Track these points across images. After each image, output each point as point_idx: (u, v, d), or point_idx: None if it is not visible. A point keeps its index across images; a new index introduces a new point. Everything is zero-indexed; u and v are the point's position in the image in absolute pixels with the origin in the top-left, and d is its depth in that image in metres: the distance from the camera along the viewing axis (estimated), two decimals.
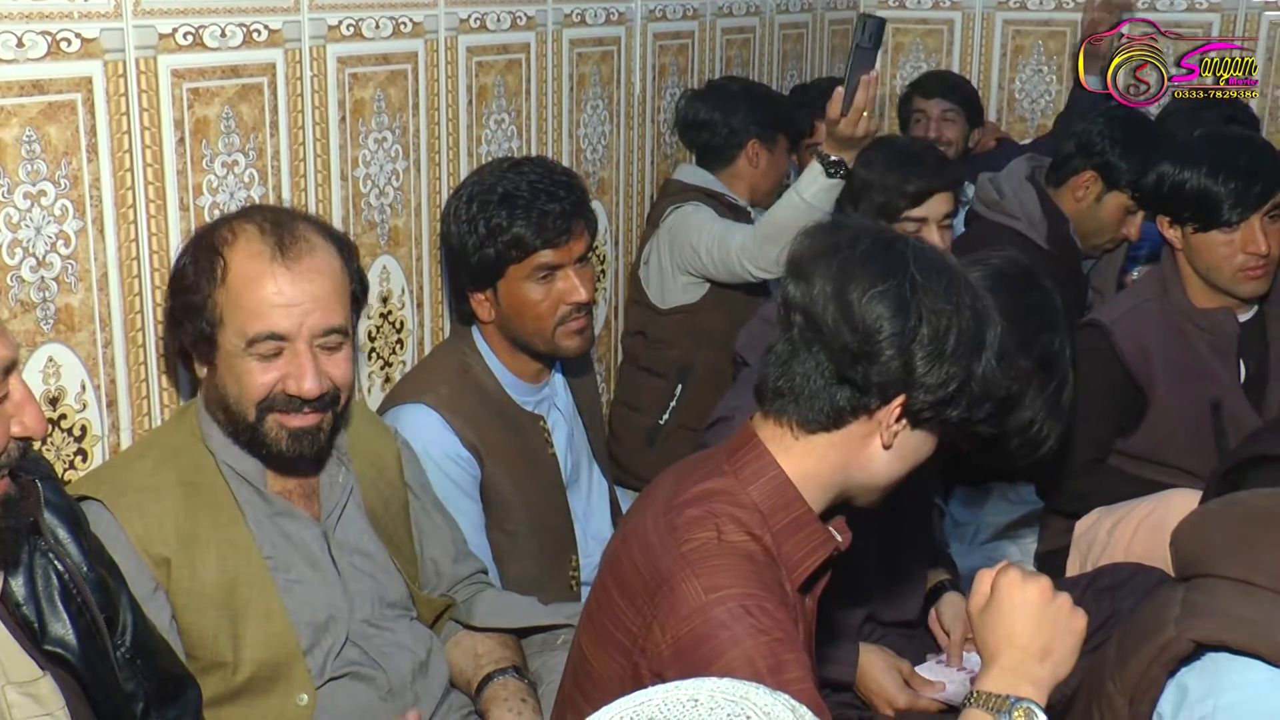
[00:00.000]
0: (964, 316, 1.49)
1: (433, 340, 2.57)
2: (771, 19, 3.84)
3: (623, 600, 1.53)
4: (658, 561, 1.49)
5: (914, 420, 1.54)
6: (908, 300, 1.47)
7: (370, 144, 2.35)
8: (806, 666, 1.45)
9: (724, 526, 1.49)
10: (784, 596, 1.50)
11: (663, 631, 1.45)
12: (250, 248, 1.76)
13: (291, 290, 1.76)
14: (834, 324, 1.48)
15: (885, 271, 1.49)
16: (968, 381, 1.50)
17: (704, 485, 1.55)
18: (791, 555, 1.54)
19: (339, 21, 2.23)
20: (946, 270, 1.53)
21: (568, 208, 2.26)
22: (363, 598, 1.88)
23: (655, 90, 3.29)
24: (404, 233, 2.47)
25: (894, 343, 1.47)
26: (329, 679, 1.81)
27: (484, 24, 2.59)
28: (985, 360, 1.51)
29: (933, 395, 1.50)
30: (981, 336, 1.51)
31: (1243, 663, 1.51)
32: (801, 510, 1.55)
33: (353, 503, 1.92)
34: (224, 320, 1.75)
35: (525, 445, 2.36)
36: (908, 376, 1.48)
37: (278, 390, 1.77)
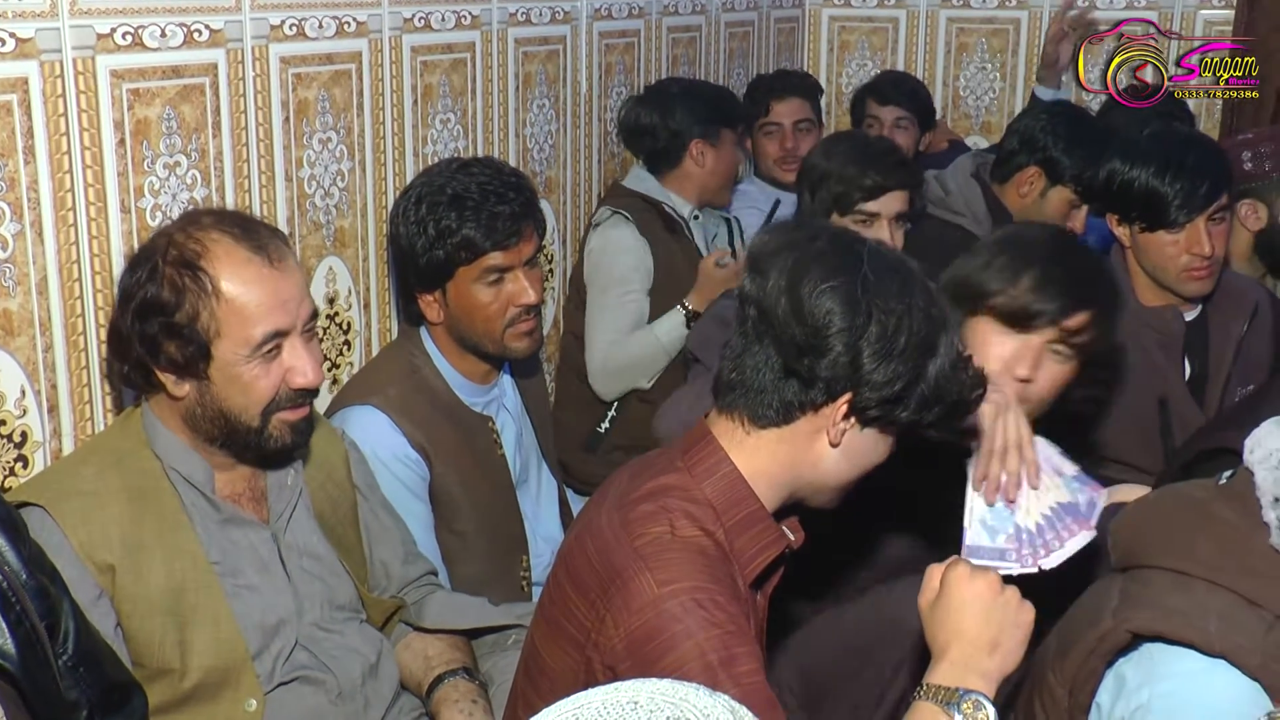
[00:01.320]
0: (915, 318, 1.51)
1: (380, 342, 2.56)
2: (717, 17, 3.85)
3: (576, 594, 1.53)
4: (611, 556, 1.50)
5: (862, 419, 1.54)
6: (858, 297, 1.48)
7: (315, 144, 2.33)
8: (758, 659, 1.46)
9: (677, 522, 1.50)
10: (736, 590, 1.50)
11: (615, 625, 1.46)
12: (234, 256, 1.74)
13: (284, 288, 1.77)
14: (784, 317, 1.50)
15: (838, 268, 1.50)
16: (916, 382, 1.52)
17: (658, 480, 1.56)
18: (744, 551, 1.55)
19: (281, 21, 2.21)
20: (901, 271, 1.54)
21: (517, 209, 2.26)
22: (312, 601, 1.87)
23: (602, 89, 3.29)
24: (350, 234, 2.45)
25: (841, 338, 1.48)
26: (278, 684, 1.80)
27: (428, 23, 2.58)
28: (938, 363, 1.52)
29: (879, 393, 1.51)
30: (933, 339, 1.52)
31: (1177, 652, 1.54)
32: (754, 507, 1.56)
33: (301, 505, 1.91)
34: (221, 333, 1.73)
35: (474, 446, 2.35)
36: (854, 373, 1.49)
37: (283, 389, 1.78)
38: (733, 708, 0.96)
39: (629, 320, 3.06)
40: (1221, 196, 2.54)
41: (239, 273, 1.73)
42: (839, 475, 1.59)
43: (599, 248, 3.11)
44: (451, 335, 2.34)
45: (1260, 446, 1.61)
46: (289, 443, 1.83)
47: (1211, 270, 2.57)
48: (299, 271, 1.83)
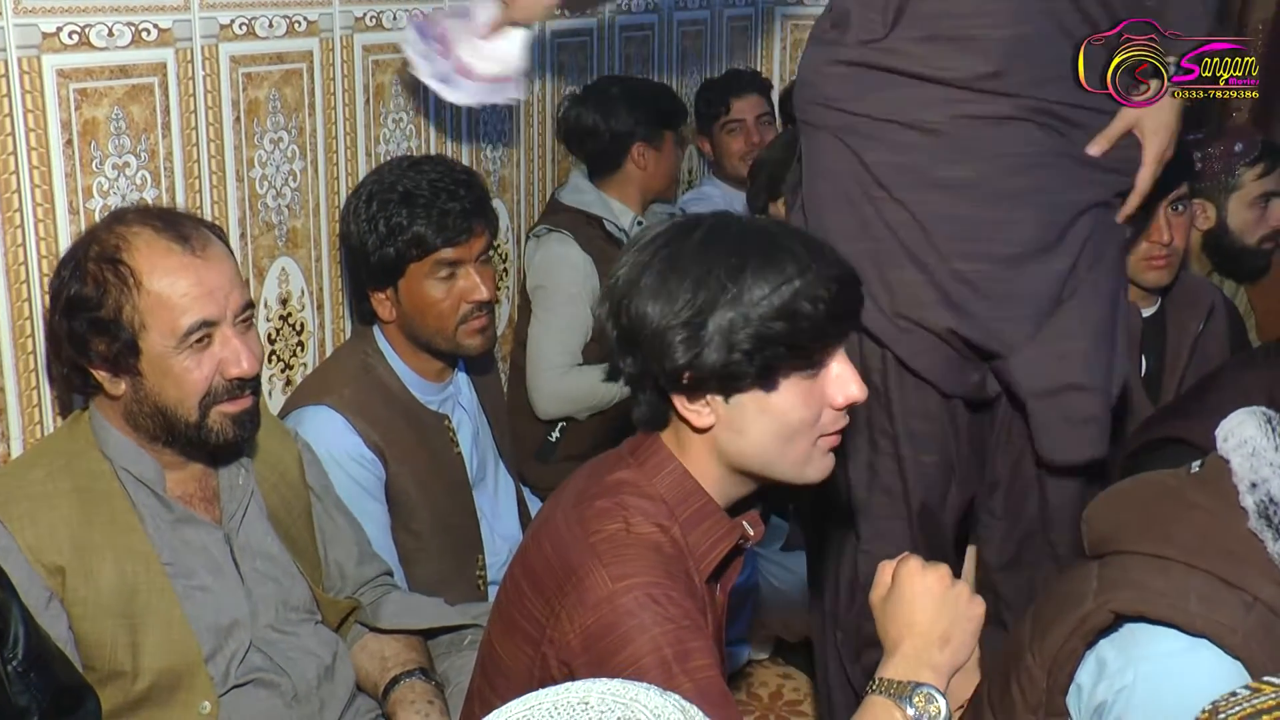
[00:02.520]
0: (699, 282, 1.47)
1: (334, 342, 2.55)
2: (670, 17, 3.85)
3: (531, 592, 1.53)
4: (567, 553, 1.50)
5: (709, 394, 1.51)
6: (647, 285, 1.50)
7: (266, 144, 2.32)
8: (713, 654, 1.46)
9: (632, 518, 1.51)
10: (691, 586, 1.50)
11: (570, 621, 1.46)
12: (155, 247, 1.74)
13: (209, 277, 1.75)
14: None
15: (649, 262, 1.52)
16: (721, 344, 1.45)
17: (613, 477, 1.56)
18: (698, 546, 1.55)
19: (231, 20, 2.20)
20: (714, 237, 1.50)
21: (468, 206, 2.26)
22: (266, 602, 1.86)
23: (555, 88, 3.28)
24: (303, 234, 2.44)
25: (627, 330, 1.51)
26: (232, 686, 1.79)
27: (380, 22, 2.57)
28: (734, 309, 1.46)
29: (690, 369, 1.47)
30: (718, 292, 1.46)
31: (1159, 632, 1.57)
32: (703, 501, 1.56)
33: (254, 506, 1.90)
34: (146, 325, 1.72)
35: (430, 445, 2.35)
36: (658, 361, 1.49)
37: (217, 380, 1.76)
38: (683, 707, 0.96)
39: (577, 340, 3.05)
40: (1180, 185, 2.57)
41: (160, 263, 1.73)
42: (766, 449, 1.54)
43: (542, 264, 3.07)
44: (405, 333, 2.34)
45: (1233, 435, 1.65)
46: (231, 436, 1.81)
47: (1170, 261, 2.60)
48: (228, 261, 1.81)
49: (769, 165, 3.08)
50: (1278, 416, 1.68)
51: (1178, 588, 1.57)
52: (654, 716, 0.93)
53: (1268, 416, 1.66)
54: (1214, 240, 3.03)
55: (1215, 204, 2.98)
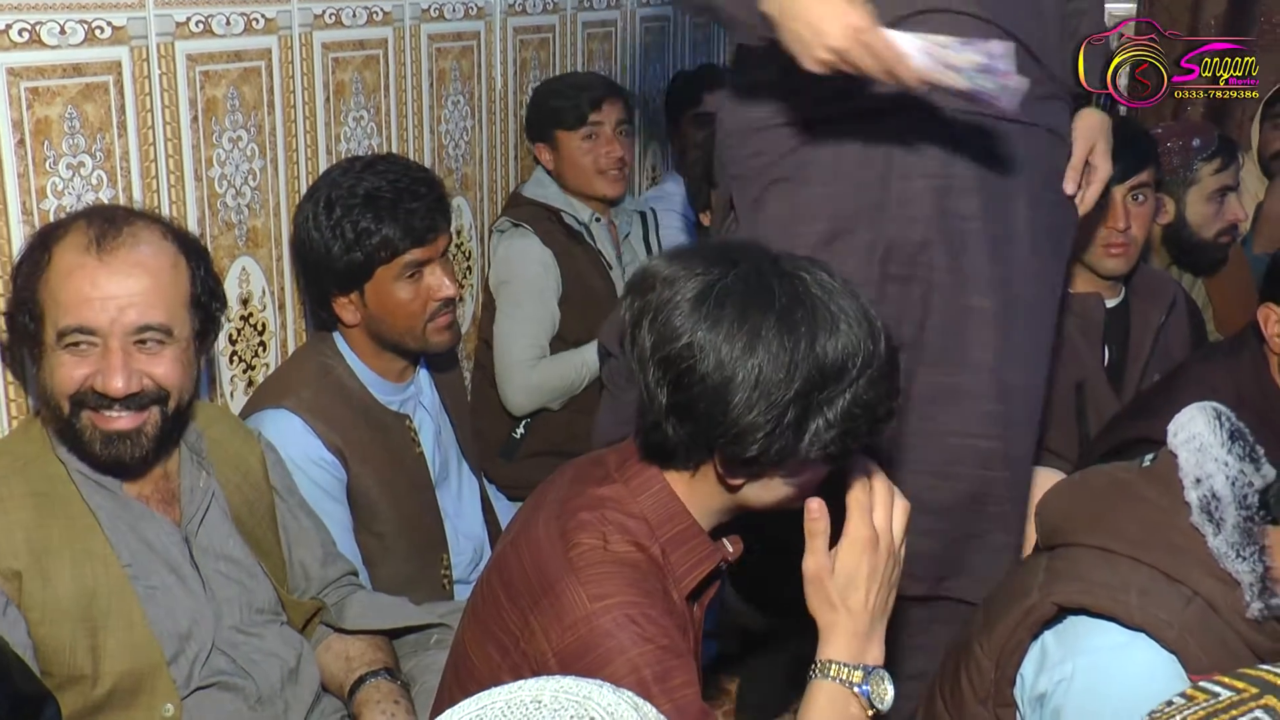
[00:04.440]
0: (770, 365, 1.41)
1: (296, 341, 2.53)
2: (632, 12, 3.85)
3: (507, 600, 1.52)
4: (545, 565, 1.49)
5: (741, 471, 1.50)
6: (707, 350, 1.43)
7: (225, 143, 2.30)
8: (692, 672, 1.45)
9: (611, 536, 1.49)
10: (669, 605, 1.49)
11: (547, 640, 1.44)
12: (72, 241, 1.72)
13: (107, 284, 1.70)
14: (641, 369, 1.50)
15: (705, 316, 1.45)
16: (792, 431, 1.43)
17: (597, 491, 1.54)
18: (679, 566, 1.54)
19: (187, 18, 2.18)
20: (796, 312, 1.43)
21: (430, 205, 2.27)
22: (230, 604, 1.85)
23: (517, 85, 3.28)
24: (263, 233, 2.42)
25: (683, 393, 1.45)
26: (195, 689, 1.77)
27: (339, 20, 2.56)
28: (814, 412, 1.42)
29: (744, 450, 1.44)
30: (800, 387, 1.41)
31: (1100, 626, 1.59)
32: (687, 523, 1.54)
33: (216, 508, 1.88)
34: (44, 313, 1.71)
35: (391, 445, 2.34)
36: (709, 430, 1.45)
37: (86, 386, 1.71)
38: (636, 704, 0.96)
39: (545, 334, 3.05)
40: (1141, 173, 2.59)
41: (67, 259, 1.72)
42: (773, 502, 1.55)
43: (504, 258, 3.08)
44: (369, 335, 2.32)
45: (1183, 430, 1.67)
46: (98, 452, 1.73)
47: (1128, 249, 2.62)
48: (146, 276, 1.73)
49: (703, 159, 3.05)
50: (1227, 412, 1.70)
51: (1120, 581, 1.59)
52: (607, 714, 0.92)
53: (1218, 412, 1.68)
54: (1173, 234, 3.06)
55: (1174, 198, 3.01)
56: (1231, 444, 1.73)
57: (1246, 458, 1.74)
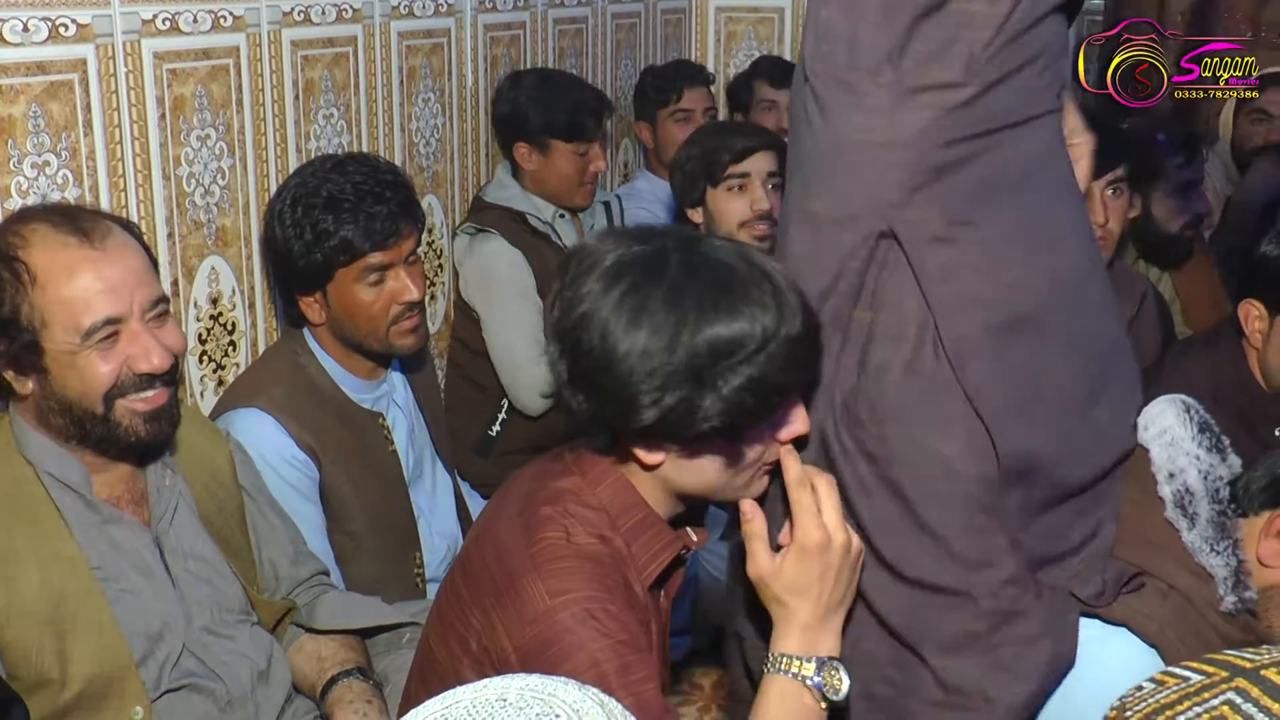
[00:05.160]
0: (667, 345, 1.41)
1: (266, 341, 2.52)
2: (603, 9, 3.85)
3: (470, 598, 1.52)
4: (507, 560, 1.49)
5: (671, 444, 1.49)
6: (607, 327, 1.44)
7: (193, 142, 2.29)
8: (652, 668, 1.45)
9: (572, 528, 1.49)
10: (631, 598, 1.49)
11: (508, 635, 1.45)
12: (51, 243, 1.70)
13: (111, 272, 1.71)
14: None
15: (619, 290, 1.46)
16: (688, 406, 1.42)
17: (557, 484, 1.55)
18: (640, 555, 1.54)
19: (154, 15, 2.16)
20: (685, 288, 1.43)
21: (395, 209, 2.24)
22: (200, 605, 1.84)
23: (488, 82, 3.27)
24: (232, 232, 2.41)
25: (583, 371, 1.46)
26: (165, 691, 1.76)
27: (308, 17, 2.55)
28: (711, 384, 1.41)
29: (648, 425, 1.44)
30: (695, 365, 1.41)
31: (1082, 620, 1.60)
32: (645, 512, 1.55)
33: (185, 508, 1.87)
34: (47, 322, 1.68)
35: (364, 444, 2.33)
36: (611, 410, 1.46)
37: (125, 374, 1.72)
38: (602, 701, 0.96)
39: (540, 329, 3.04)
40: (1117, 168, 2.61)
41: (58, 259, 1.69)
42: (712, 484, 1.53)
43: (477, 267, 3.06)
44: (335, 335, 2.32)
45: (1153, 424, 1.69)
46: (143, 434, 1.76)
47: (1106, 243, 2.63)
48: (134, 254, 1.76)
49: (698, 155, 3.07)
50: (1195, 405, 1.72)
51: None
52: (572, 710, 0.92)
53: (1186, 405, 1.70)
54: (1139, 228, 3.08)
55: (1140, 193, 3.04)
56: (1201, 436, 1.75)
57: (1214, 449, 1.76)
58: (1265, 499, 1.72)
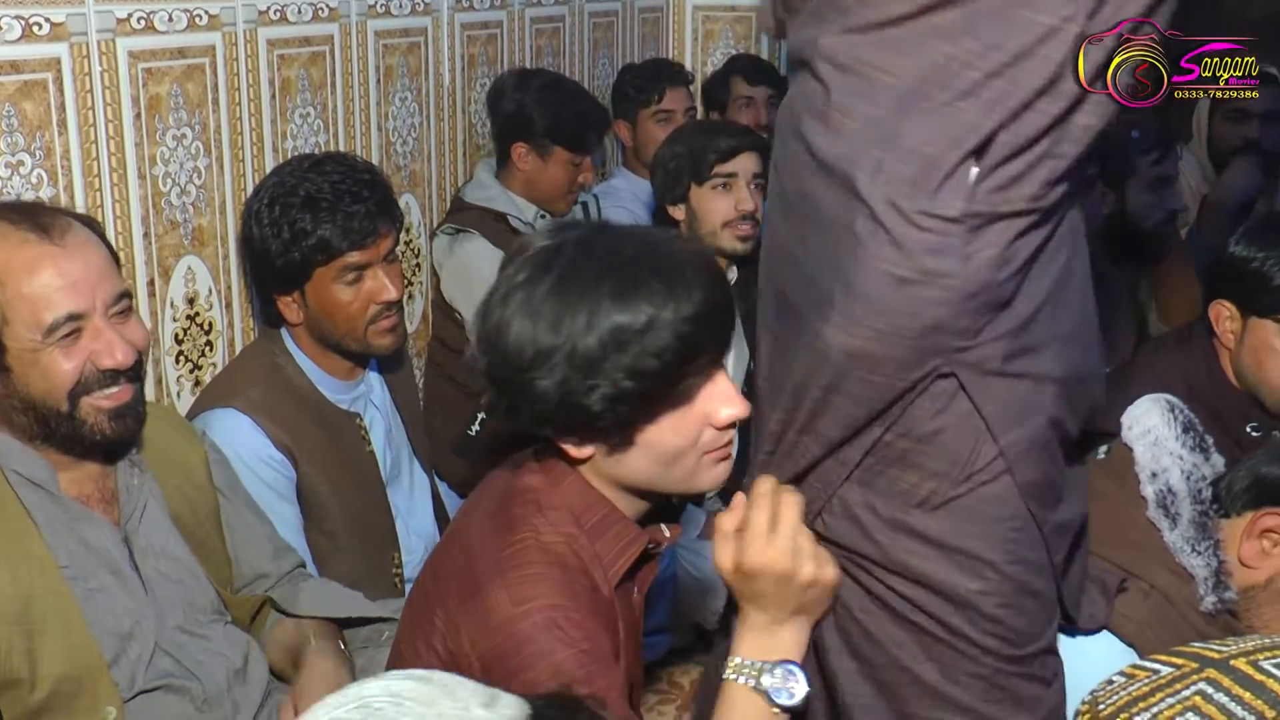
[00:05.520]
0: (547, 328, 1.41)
1: (243, 341, 2.51)
2: (581, 8, 3.85)
3: (438, 600, 1.52)
4: (474, 565, 1.48)
5: (580, 433, 1.48)
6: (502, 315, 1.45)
7: (169, 141, 2.28)
8: (616, 676, 1.43)
9: (542, 528, 1.49)
10: (596, 603, 1.48)
11: (472, 642, 1.44)
12: (11, 240, 1.68)
13: (71, 267, 1.69)
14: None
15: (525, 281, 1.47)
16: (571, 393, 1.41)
17: (523, 482, 1.55)
18: (606, 553, 1.52)
19: (129, 14, 2.15)
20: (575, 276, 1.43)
21: (372, 208, 2.24)
22: (172, 604, 1.83)
23: (465, 81, 3.26)
24: (209, 232, 2.40)
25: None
26: (139, 692, 1.75)
27: (284, 16, 2.54)
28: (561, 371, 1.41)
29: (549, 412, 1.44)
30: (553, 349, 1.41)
31: None
32: (606, 509, 1.53)
33: (155, 507, 1.85)
34: (9, 319, 1.67)
35: (341, 444, 2.33)
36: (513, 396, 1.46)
37: (89, 371, 1.71)
38: (430, 678, 0.96)
39: None
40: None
41: (16, 256, 1.67)
42: (647, 475, 1.51)
43: (459, 267, 3.05)
44: (313, 335, 2.31)
45: (1138, 424, 1.69)
46: (109, 431, 1.74)
47: None
48: (95, 250, 1.75)
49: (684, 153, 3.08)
50: (1180, 405, 1.72)
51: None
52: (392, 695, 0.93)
53: (1170, 405, 1.70)
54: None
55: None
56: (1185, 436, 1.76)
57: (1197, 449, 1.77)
58: (1247, 500, 1.73)
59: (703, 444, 1.49)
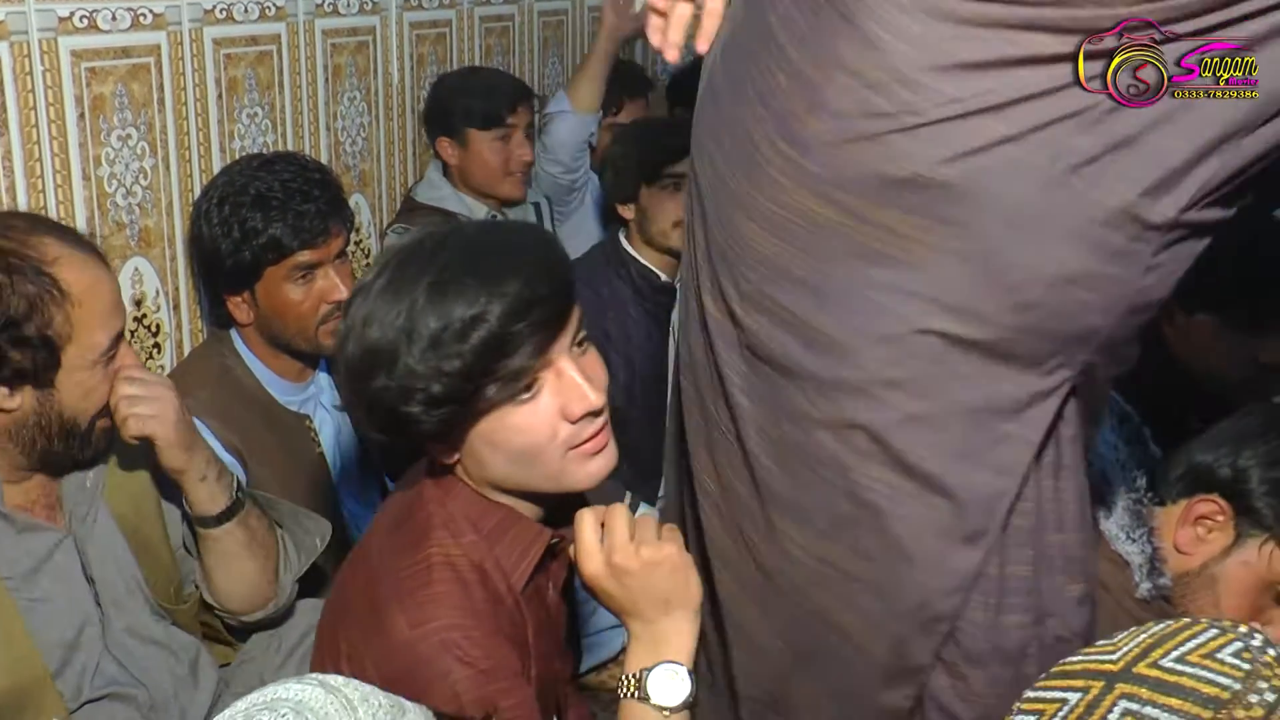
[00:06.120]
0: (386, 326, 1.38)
1: (191, 343, 2.49)
2: (530, 7, 3.84)
3: (341, 622, 1.50)
4: (374, 587, 1.46)
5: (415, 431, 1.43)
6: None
7: (114, 141, 2.25)
8: (522, 693, 1.41)
9: (442, 541, 1.46)
10: (499, 616, 1.45)
11: (375, 666, 1.42)
12: (74, 259, 1.68)
13: (116, 289, 1.76)
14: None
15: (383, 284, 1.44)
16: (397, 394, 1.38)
17: (420, 494, 1.51)
18: (507, 557, 1.49)
19: (71, 13, 2.13)
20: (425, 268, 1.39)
21: (323, 207, 2.23)
22: (119, 608, 1.80)
23: (414, 80, 3.25)
24: (155, 233, 2.38)
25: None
26: (86, 701, 1.73)
27: (230, 15, 2.52)
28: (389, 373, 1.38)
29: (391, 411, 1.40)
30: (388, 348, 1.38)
31: None
32: (502, 513, 1.50)
33: (105, 512, 1.83)
34: (75, 336, 1.67)
35: (291, 445, 2.32)
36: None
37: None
38: (332, 687, 0.96)
39: None
40: None
41: (84, 275, 1.69)
42: (510, 475, 1.47)
43: None
44: (263, 335, 2.30)
45: None
46: (104, 448, 1.78)
47: None
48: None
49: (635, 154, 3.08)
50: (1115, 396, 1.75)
51: None
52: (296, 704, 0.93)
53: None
54: None
55: None
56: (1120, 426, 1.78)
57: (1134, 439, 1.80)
58: (1182, 488, 1.77)
59: (562, 440, 1.43)
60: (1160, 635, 0.99)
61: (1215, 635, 0.98)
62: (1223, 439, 1.76)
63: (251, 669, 1.98)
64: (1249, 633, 0.98)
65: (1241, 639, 0.97)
